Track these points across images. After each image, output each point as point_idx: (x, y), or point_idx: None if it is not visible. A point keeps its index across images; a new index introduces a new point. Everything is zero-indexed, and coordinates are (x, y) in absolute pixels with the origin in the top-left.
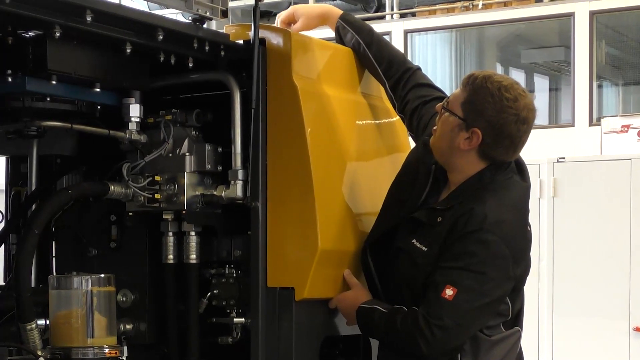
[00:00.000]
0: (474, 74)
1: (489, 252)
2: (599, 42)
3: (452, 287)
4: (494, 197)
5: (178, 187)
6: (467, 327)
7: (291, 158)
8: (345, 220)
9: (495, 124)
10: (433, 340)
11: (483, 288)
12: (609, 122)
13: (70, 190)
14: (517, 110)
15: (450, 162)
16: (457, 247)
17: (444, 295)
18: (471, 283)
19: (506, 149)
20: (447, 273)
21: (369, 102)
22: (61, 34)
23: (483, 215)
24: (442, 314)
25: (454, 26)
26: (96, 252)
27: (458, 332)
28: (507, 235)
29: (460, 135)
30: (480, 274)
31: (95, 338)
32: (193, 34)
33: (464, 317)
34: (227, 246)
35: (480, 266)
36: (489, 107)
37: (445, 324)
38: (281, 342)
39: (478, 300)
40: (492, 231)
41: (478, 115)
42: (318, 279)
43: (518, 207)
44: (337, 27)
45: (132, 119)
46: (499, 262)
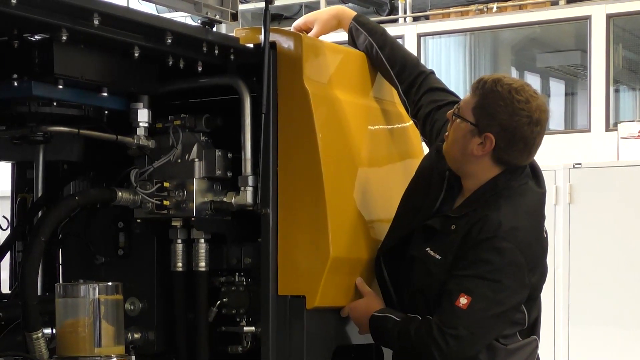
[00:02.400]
0: (483, 78)
1: (504, 259)
2: (615, 46)
3: (467, 296)
4: (509, 204)
5: (187, 193)
6: (482, 336)
7: (302, 164)
8: (357, 227)
9: (508, 127)
10: (447, 350)
11: (498, 296)
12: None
13: (77, 197)
14: (530, 112)
15: (464, 169)
16: (471, 255)
17: (458, 304)
18: (486, 291)
19: (520, 153)
20: (461, 281)
21: (382, 107)
22: (68, 37)
23: (497, 222)
24: (456, 324)
25: (468, 29)
26: (104, 259)
27: (473, 342)
28: (522, 242)
29: (472, 141)
30: (495, 282)
31: (102, 347)
32: (202, 38)
33: (478, 326)
34: (237, 254)
35: (495, 274)
36: (501, 111)
37: (460, 333)
38: (292, 351)
39: (493, 308)
40: (506, 238)
41: (490, 119)
42: (330, 287)
43: (533, 213)
44: (350, 28)
45: (140, 124)
46: (513, 270)
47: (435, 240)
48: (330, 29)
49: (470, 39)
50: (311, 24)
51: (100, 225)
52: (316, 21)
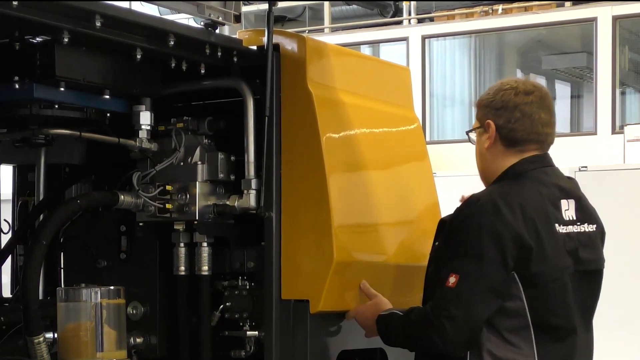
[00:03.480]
0: None
1: (483, 233)
2: (622, 48)
3: (454, 274)
4: (498, 186)
5: (190, 196)
6: (474, 313)
7: (306, 167)
8: (361, 231)
9: (498, 103)
10: (444, 332)
11: (483, 269)
12: (632, 130)
13: (79, 200)
14: (515, 85)
15: (489, 175)
16: (455, 236)
17: (447, 284)
18: (471, 267)
19: (521, 123)
20: (448, 263)
21: (386, 110)
22: (70, 39)
23: (476, 199)
24: (447, 304)
25: (473, 31)
26: (105, 263)
27: (466, 320)
28: (504, 218)
29: (483, 139)
30: (478, 255)
31: (104, 352)
32: (205, 40)
33: (467, 302)
34: (240, 257)
35: (476, 248)
36: (490, 98)
37: (452, 313)
38: (296, 356)
39: (480, 282)
40: (485, 213)
41: (484, 110)
42: (334, 291)
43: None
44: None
45: (142, 126)
46: (495, 243)
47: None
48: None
49: (475, 41)
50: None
51: (102, 229)
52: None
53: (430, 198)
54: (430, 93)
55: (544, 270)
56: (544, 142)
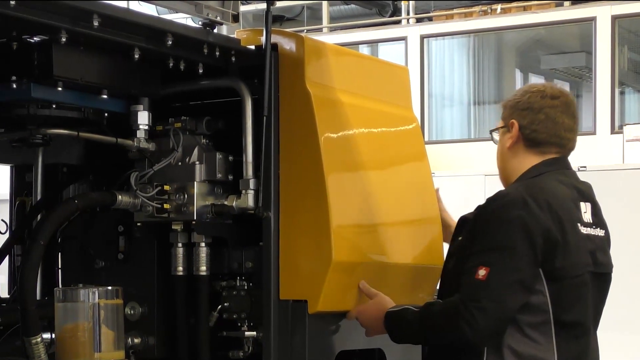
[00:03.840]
0: None
1: (514, 226)
2: (621, 48)
3: (484, 267)
4: (523, 183)
5: (188, 196)
6: (506, 306)
7: (304, 167)
8: (359, 231)
9: (523, 104)
10: (475, 323)
11: (514, 263)
12: (631, 129)
13: (76, 200)
14: (543, 88)
15: (509, 174)
16: (484, 229)
17: (477, 277)
18: (502, 259)
19: (545, 125)
20: (477, 256)
21: (385, 110)
22: (67, 39)
23: (504, 194)
24: (479, 296)
25: (472, 31)
26: (103, 263)
27: (498, 312)
28: (532, 212)
29: (505, 138)
30: (510, 249)
31: (102, 352)
32: (203, 39)
33: (500, 295)
34: (238, 258)
35: (507, 242)
36: (516, 99)
37: (484, 305)
38: (294, 356)
39: (511, 275)
40: (515, 207)
41: (509, 110)
42: (332, 292)
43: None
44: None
45: (140, 126)
46: (526, 236)
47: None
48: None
49: (474, 40)
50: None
51: (100, 229)
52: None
53: (428, 198)
54: (429, 93)
55: (567, 266)
56: (565, 146)
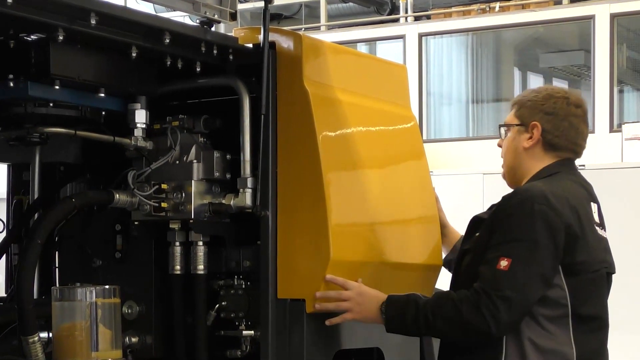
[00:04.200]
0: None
1: (537, 219)
2: (619, 46)
3: (506, 258)
4: (545, 182)
5: (185, 195)
6: (527, 297)
7: (302, 165)
8: (358, 230)
9: (549, 108)
10: (497, 313)
11: (536, 255)
12: (630, 128)
13: (74, 199)
14: (567, 95)
15: (520, 173)
16: (505, 222)
17: (499, 267)
18: (523, 252)
19: (568, 132)
20: (498, 248)
21: (383, 108)
22: (65, 37)
23: (526, 189)
24: (502, 286)
25: (470, 29)
26: (101, 262)
27: (520, 303)
28: (553, 204)
29: (522, 138)
30: (531, 241)
31: (99, 351)
32: (201, 38)
33: (522, 286)
34: (235, 256)
35: (530, 234)
36: (539, 100)
37: (507, 294)
38: (292, 356)
39: (533, 267)
40: (537, 201)
41: (532, 110)
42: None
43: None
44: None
45: (137, 125)
46: (548, 229)
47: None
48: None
49: (472, 38)
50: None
51: (98, 228)
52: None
53: (427, 197)
54: (427, 91)
55: (587, 260)
56: (579, 152)
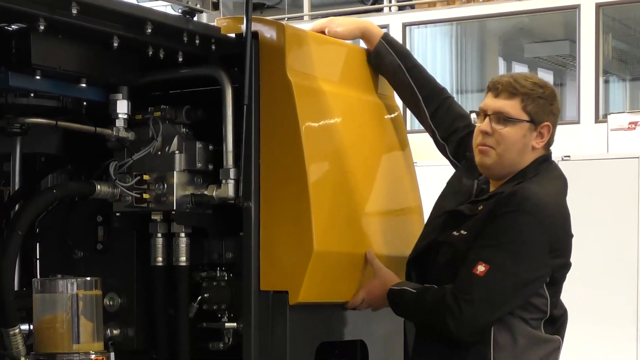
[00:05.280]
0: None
1: (525, 233)
2: (605, 36)
3: (484, 264)
4: (537, 183)
5: (167, 186)
6: (496, 306)
7: (285, 156)
8: (342, 221)
9: (557, 109)
10: (460, 316)
11: (516, 268)
12: (615, 118)
13: (55, 190)
14: (553, 87)
15: (513, 168)
16: (494, 226)
17: (475, 272)
18: (504, 261)
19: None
20: (481, 251)
21: (367, 98)
22: (46, 27)
23: (522, 197)
24: (470, 289)
25: (455, 19)
26: (82, 254)
27: (486, 309)
28: (546, 219)
29: (532, 136)
30: (514, 253)
31: (81, 344)
32: (183, 27)
33: (493, 294)
34: (218, 248)
35: (514, 246)
36: (548, 99)
37: (473, 298)
38: (274, 348)
39: (510, 279)
40: (530, 213)
41: (543, 110)
42: (313, 282)
43: (560, 197)
44: (377, 47)
45: (119, 115)
46: (534, 245)
47: (463, 225)
48: (351, 38)
49: (456, 28)
50: (334, 26)
51: (79, 219)
52: (340, 25)
53: (411, 187)
54: None
55: (566, 266)
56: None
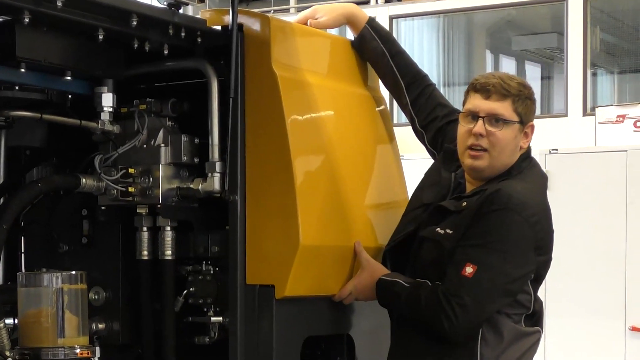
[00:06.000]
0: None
1: (512, 232)
2: (593, 28)
3: (472, 265)
4: (520, 181)
5: (153, 179)
6: (486, 306)
7: (271, 150)
8: (328, 214)
9: (534, 109)
10: (455, 319)
11: (504, 267)
12: (603, 111)
13: (40, 184)
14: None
15: (505, 169)
16: (480, 226)
17: (464, 273)
18: (492, 261)
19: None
20: (468, 251)
21: (354, 91)
22: (30, 19)
23: (508, 195)
24: (461, 292)
25: (442, 11)
26: (67, 248)
27: (477, 311)
28: (532, 217)
29: (520, 136)
30: (502, 252)
31: (66, 338)
32: (168, 20)
33: (483, 295)
34: (204, 242)
35: (502, 245)
36: (532, 99)
37: (465, 301)
38: (260, 342)
39: (498, 279)
40: (516, 211)
41: (529, 110)
42: (300, 276)
43: (542, 194)
44: (362, 33)
45: (104, 108)
46: (521, 243)
47: (446, 220)
48: (338, 25)
49: (443, 21)
50: (319, 15)
51: (64, 213)
52: (325, 14)
53: (398, 180)
54: None
55: (547, 263)
56: None
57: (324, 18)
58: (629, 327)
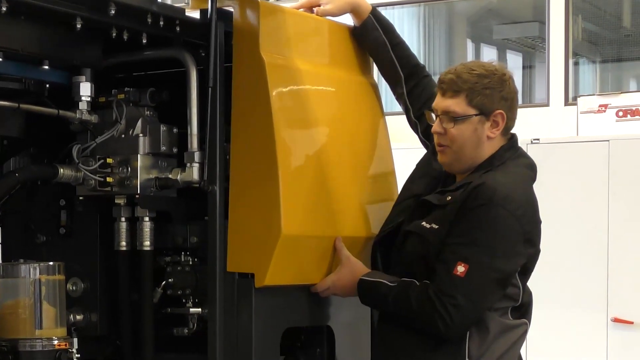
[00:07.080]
0: (450, 76)
1: (499, 226)
2: (575, 17)
3: (464, 264)
4: (504, 173)
5: (131, 169)
6: (480, 304)
7: (256, 138)
8: (312, 204)
9: (508, 93)
10: (449, 319)
11: (494, 263)
12: (585, 101)
13: (17, 174)
14: (504, 70)
15: (474, 161)
16: (467, 222)
17: (455, 273)
18: (482, 258)
19: (515, 109)
20: (457, 249)
21: (345, 77)
22: (7, 8)
23: (493, 189)
24: (454, 292)
25: (422, 0)
26: (45, 238)
27: (472, 310)
28: (518, 210)
29: (484, 128)
30: (490, 247)
31: (43, 329)
32: (147, 9)
33: (476, 293)
34: (182, 232)
35: (490, 241)
36: (496, 86)
37: (459, 302)
38: (240, 333)
39: (490, 275)
40: (501, 205)
41: (490, 99)
42: (280, 265)
43: (527, 185)
44: (365, 22)
45: (82, 98)
46: (509, 237)
47: (432, 215)
48: (342, 13)
49: (424, 10)
50: (324, 2)
51: (42, 203)
52: (330, 1)
53: (387, 170)
54: None
55: (535, 256)
56: None
57: (329, 6)
58: (611, 318)
